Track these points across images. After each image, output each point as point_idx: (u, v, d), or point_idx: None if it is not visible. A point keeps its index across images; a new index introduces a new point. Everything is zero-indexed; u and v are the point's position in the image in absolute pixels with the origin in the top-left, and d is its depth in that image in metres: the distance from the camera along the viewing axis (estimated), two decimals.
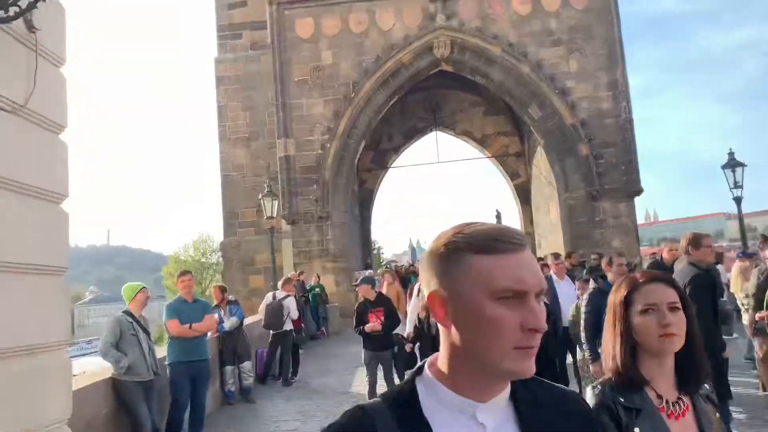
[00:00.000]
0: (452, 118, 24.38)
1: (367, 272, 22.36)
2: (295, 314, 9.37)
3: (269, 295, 9.53)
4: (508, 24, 17.32)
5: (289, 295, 9.39)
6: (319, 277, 14.58)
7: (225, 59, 20.51)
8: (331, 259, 17.30)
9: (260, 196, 13.50)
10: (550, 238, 20.71)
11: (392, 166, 25.01)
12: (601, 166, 16.75)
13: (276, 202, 13.31)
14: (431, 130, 24.46)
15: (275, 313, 9.13)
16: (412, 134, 24.61)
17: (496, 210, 40.41)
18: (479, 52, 17.41)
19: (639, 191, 16.76)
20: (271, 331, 9.30)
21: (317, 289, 14.01)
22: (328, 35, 17.75)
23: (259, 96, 19.84)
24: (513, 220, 25.06)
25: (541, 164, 21.31)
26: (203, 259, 45.11)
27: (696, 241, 4.29)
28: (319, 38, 17.78)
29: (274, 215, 13.48)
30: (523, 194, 23.83)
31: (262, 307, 9.56)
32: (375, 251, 40.24)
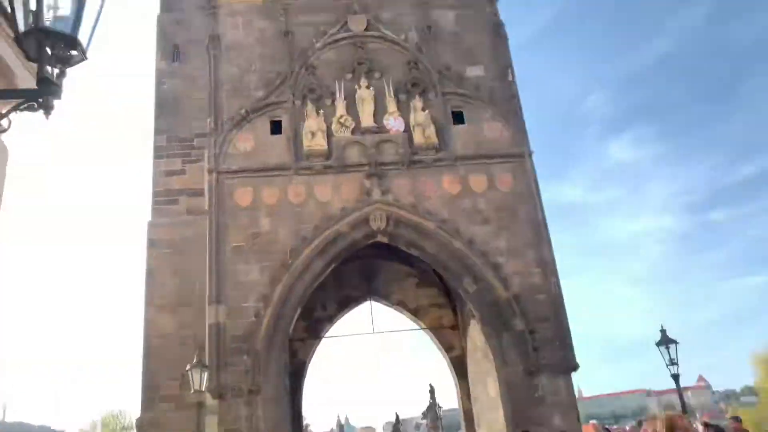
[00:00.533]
0: (387, 289, 24.44)
1: None
2: None
3: None
4: (439, 202, 18.20)
5: None
6: None
7: (159, 223, 20.26)
8: None
9: (188, 367, 12.50)
10: (489, 415, 19.99)
11: (326, 336, 24.29)
12: (537, 341, 16.84)
13: (205, 374, 12.32)
14: (366, 300, 24.31)
15: None
16: (347, 303, 24.32)
17: (430, 385, 39.53)
18: (414, 226, 18.00)
19: (575, 367, 16.77)
20: None
21: None
22: (268, 204, 18.00)
23: (191, 262, 19.37)
24: (449, 395, 24.24)
25: (476, 337, 21.24)
26: None
27: (672, 426, 4.09)
28: (258, 206, 17.96)
29: (203, 389, 12.40)
30: (460, 368, 23.37)
31: None
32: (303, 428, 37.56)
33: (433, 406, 38.85)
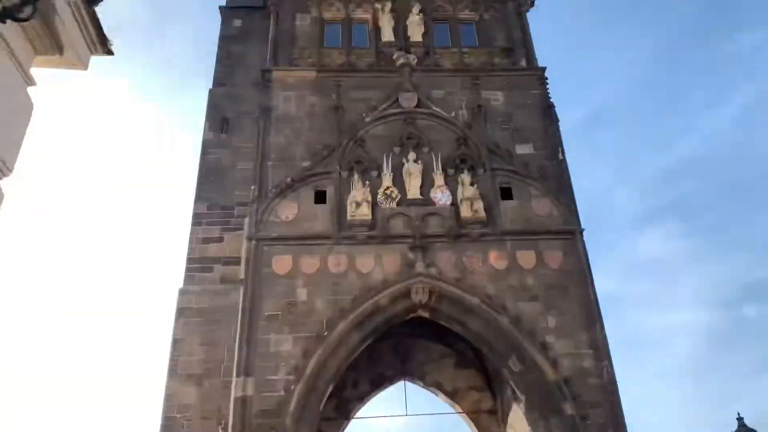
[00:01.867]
0: (422, 369, 22.88)
1: None
2: None
3: None
4: (485, 277, 17.09)
5: None
6: None
7: (191, 291, 19.37)
8: None
9: None
10: None
11: (356, 416, 22.58)
12: (588, 428, 15.12)
13: None
14: (400, 380, 22.72)
15: None
16: (380, 382, 22.74)
17: None
18: (457, 301, 16.83)
19: None
20: None
21: None
22: (306, 273, 17.10)
23: (221, 332, 18.29)
24: None
25: (516, 424, 19.41)
26: None
27: None
28: (296, 275, 17.08)
29: None
30: None
31: None
32: None
33: None
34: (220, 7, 25.31)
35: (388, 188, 18.14)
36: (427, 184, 18.31)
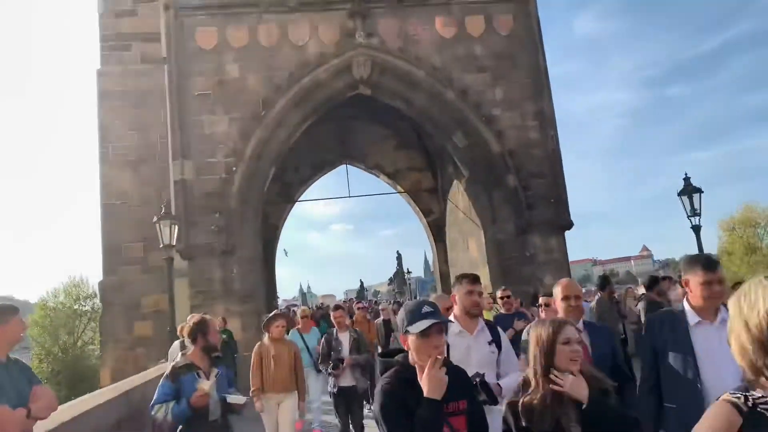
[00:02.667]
0: (362, 152, 22.53)
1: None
2: None
3: (176, 346, 6.72)
4: (431, 47, 15.83)
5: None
6: (225, 321, 11.66)
7: (110, 72, 17.33)
8: (238, 300, 14.38)
9: (155, 219, 10.55)
10: None
11: (299, 200, 22.60)
12: (530, 198, 15.46)
13: (175, 228, 10.43)
14: (341, 163, 22.43)
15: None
16: (321, 166, 22.43)
17: (397, 252, 39.08)
18: (402, 75, 15.72)
19: (569, 225, 15.60)
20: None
21: (224, 336, 11.09)
22: (234, 47, 15.30)
23: (150, 115, 16.82)
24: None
25: (458, 199, 19.87)
26: (76, 306, 39.16)
27: None
28: (223, 49, 15.27)
29: (173, 243, 10.56)
30: (437, 232, 22.25)
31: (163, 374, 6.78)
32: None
33: (400, 272, 38.65)
34: None
35: None
36: None
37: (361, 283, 51.95)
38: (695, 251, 11.49)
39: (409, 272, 35.47)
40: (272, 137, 15.29)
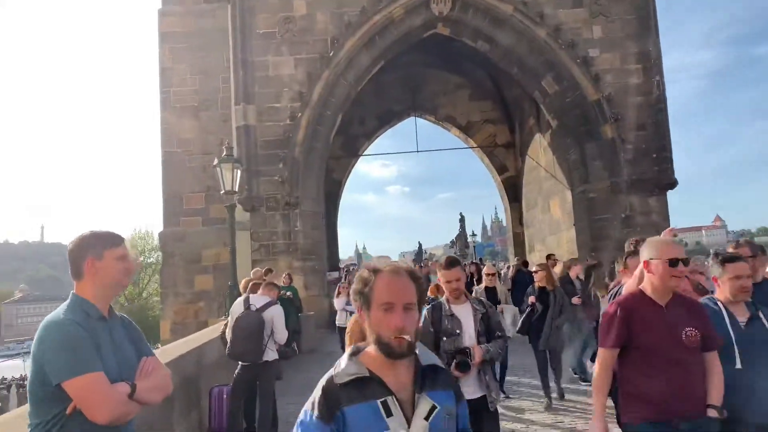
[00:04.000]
0: (433, 102, 20.83)
1: (336, 274, 18.49)
2: (283, 335, 5.45)
3: (239, 303, 5.56)
4: None
5: (272, 302, 5.48)
6: (291, 278, 10.56)
7: (172, 12, 16.22)
8: (301, 256, 13.31)
9: (215, 162, 9.41)
10: (550, 239, 17.39)
11: (364, 153, 21.26)
12: (629, 153, 13.53)
13: (238, 172, 9.26)
14: (409, 115, 20.85)
15: (252, 332, 5.22)
16: (388, 118, 20.91)
17: (460, 213, 37.46)
18: (486, 10, 13.88)
19: (673, 184, 13.59)
20: (240, 363, 5.40)
21: (288, 293, 10.01)
22: None
23: (212, 58, 15.67)
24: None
25: (539, 155, 18.00)
26: (141, 258, 39.80)
27: None
28: None
29: (236, 189, 9.42)
30: (512, 190, 20.50)
31: (228, 324, 5.63)
32: None
33: (462, 235, 37.09)
34: None
35: None
36: None
37: (420, 245, 50.70)
38: None
39: (474, 234, 33.87)
40: (340, 81, 13.89)
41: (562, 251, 15.56)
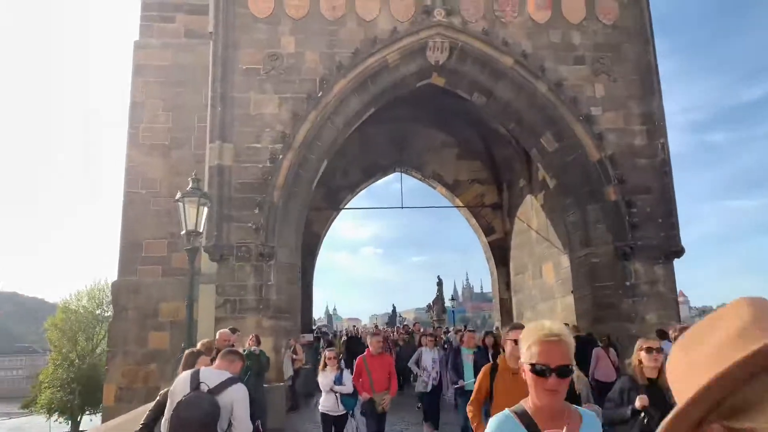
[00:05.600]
0: (420, 159, 19.83)
1: (310, 336, 16.70)
2: (245, 428, 3.64)
3: (184, 379, 3.78)
4: (521, 31, 13.16)
5: (233, 380, 3.67)
6: (258, 340, 8.90)
7: (148, 44, 15.05)
8: (273, 314, 11.63)
9: (178, 196, 7.90)
10: (542, 306, 16.07)
11: (346, 207, 19.95)
12: (635, 217, 12.49)
13: (204, 210, 7.75)
14: (395, 170, 19.78)
15: (201, 425, 3.43)
16: (373, 171, 19.78)
17: (438, 277, 36.00)
18: (485, 62, 13.05)
19: (680, 251, 12.52)
20: None
21: (248, 362, 8.33)
22: (292, 17, 12.88)
23: (189, 95, 14.44)
24: (489, 279, 20.20)
25: (531, 217, 16.95)
26: (98, 311, 36.98)
27: None
28: (279, 19, 12.86)
29: (200, 230, 7.83)
30: (499, 253, 19.27)
31: (176, 389, 3.85)
32: None
33: (440, 299, 35.52)
34: None
35: None
36: None
37: (394, 308, 48.80)
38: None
39: (453, 299, 32.36)
40: (327, 124, 12.72)
41: (556, 319, 14.21)
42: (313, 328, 18.95)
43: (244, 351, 8.63)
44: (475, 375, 7.23)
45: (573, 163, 12.98)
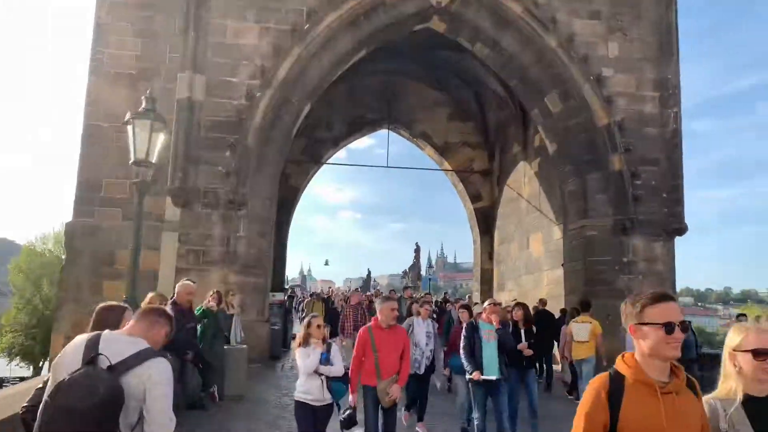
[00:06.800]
0: (409, 116, 18.46)
1: (281, 295, 15.53)
2: (164, 425, 2.24)
3: (75, 348, 2.39)
4: None
5: (148, 353, 2.27)
6: (220, 297, 7.69)
7: None
8: (241, 268, 10.43)
9: (127, 117, 6.52)
10: (526, 279, 15.11)
11: (328, 162, 18.59)
12: (638, 189, 11.43)
13: (160, 137, 6.37)
14: (382, 126, 18.41)
15: (89, 420, 2.07)
16: (359, 126, 18.38)
17: (416, 243, 35.03)
18: (491, 7, 11.68)
19: (682, 229, 11.54)
20: None
21: (205, 319, 7.14)
22: None
23: (161, 20, 12.70)
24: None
25: (522, 185, 15.84)
26: (65, 256, 35.22)
27: None
28: None
29: (153, 160, 6.39)
30: (484, 221, 18.19)
31: (63, 361, 2.45)
32: None
33: (416, 266, 34.64)
34: None
35: None
36: None
37: (369, 272, 47.93)
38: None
39: (431, 266, 31.51)
40: (313, 62, 11.30)
41: (540, 293, 13.30)
42: (286, 287, 17.79)
43: (198, 309, 7.42)
44: (500, 362, 5.45)
45: (577, 127, 11.82)
